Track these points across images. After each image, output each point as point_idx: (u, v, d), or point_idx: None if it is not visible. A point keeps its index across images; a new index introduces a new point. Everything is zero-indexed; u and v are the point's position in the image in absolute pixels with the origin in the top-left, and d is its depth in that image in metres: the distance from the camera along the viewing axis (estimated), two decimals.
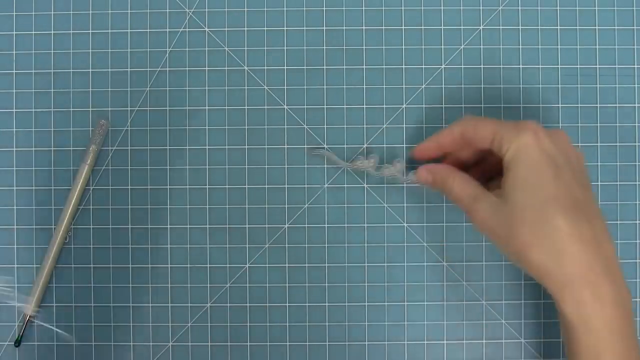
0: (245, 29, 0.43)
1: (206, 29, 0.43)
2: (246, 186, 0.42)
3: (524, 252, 0.32)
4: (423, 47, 0.43)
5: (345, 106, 0.42)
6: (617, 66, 0.43)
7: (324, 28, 0.43)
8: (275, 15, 0.43)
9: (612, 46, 0.43)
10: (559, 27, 0.43)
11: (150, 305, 0.42)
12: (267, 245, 0.42)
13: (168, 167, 0.42)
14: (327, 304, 0.42)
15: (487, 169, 0.39)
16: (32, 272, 0.42)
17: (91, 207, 0.42)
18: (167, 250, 0.42)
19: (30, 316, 0.41)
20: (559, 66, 0.43)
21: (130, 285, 0.42)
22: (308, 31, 0.43)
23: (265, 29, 0.43)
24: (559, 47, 0.43)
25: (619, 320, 0.31)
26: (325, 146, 0.35)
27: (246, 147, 0.42)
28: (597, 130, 0.42)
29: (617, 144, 0.42)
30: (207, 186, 0.42)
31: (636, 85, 0.43)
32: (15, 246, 0.42)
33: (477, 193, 0.35)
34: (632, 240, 0.42)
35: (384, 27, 0.43)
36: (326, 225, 0.42)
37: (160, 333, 0.42)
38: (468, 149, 0.39)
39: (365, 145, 0.42)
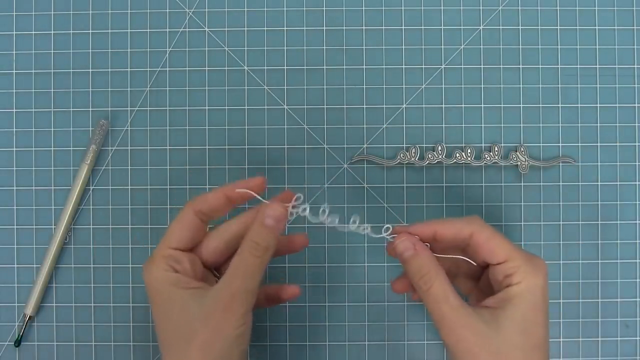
0: (245, 29, 0.43)
1: (206, 29, 0.43)
2: None
3: None
4: (423, 47, 0.43)
5: (345, 106, 0.42)
6: (617, 66, 0.43)
7: (324, 28, 0.43)
8: (275, 15, 0.43)
9: (612, 46, 0.43)
10: (559, 27, 0.43)
11: (150, 305, 0.42)
12: None
13: (168, 167, 0.42)
14: (327, 304, 0.42)
15: (453, 272, 0.37)
16: (32, 272, 0.42)
17: (91, 207, 0.42)
18: None
19: (30, 316, 0.41)
20: (559, 66, 0.43)
21: (130, 285, 0.42)
22: (308, 31, 0.43)
23: (265, 29, 0.43)
24: (559, 47, 0.43)
25: None
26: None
27: (246, 147, 0.42)
28: (597, 130, 0.42)
29: (617, 144, 0.42)
30: (207, 186, 0.42)
31: (636, 85, 0.43)
32: (15, 246, 0.42)
33: (458, 303, 0.32)
34: (632, 240, 0.42)
35: (384, 27, 0.43)
36: (326, 225, 0.42)
37: None
38: (455, 249, 0.35)
39: (365, 145, 0.42)
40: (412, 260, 0.33)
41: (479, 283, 0.36)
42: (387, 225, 0.34)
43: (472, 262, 0.34)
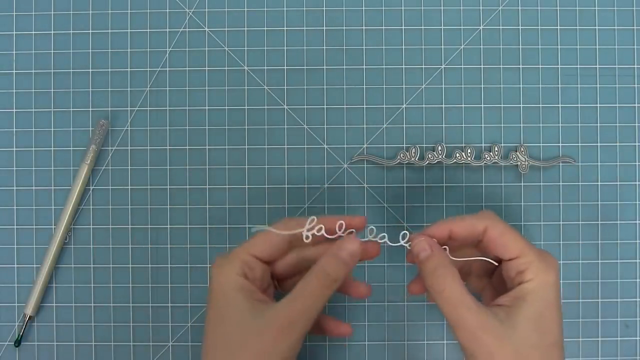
0: (245, 29, 0.43)
1: (206, 29, 0.43)
2: (246, 186, 0.42)
3: None
4: (423, 47, 0.43)
5: (345, 106, 0.42)
6: (617, 66, 0.43)
7: (324, 28, 0.43)
8: (275, 15, 0.43)
9: (612, 46, 0.43)
10: (559, 27, 0.43)
11: (150, 305, 0.42)
12: None
13: (168, 167, 0.42)
14: (327, 304, 0.42)
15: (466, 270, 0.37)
16: (32, 272, 0.42)
17: (91, 207, 0.42)
18: (167, 250, 0.42)
19: (30, 316, 0.41)
20: (559, 66, 0.43)
21: (130, 285, 0.42)
22: (308, 31, 0.43)
23: (265, 29, 0.43)
24: (559, 47, 0.43)
25: None
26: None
27: (246, 147, 0.42)
28: (597, 129, 0.42)
29: (617, 144, 0.42)
30: (207, 186, 0.42)
31: (636, 85, 0.43)
32: (15, 246, 0.42)
33: (474, 305, 0.31)
34: (632, 240, 0.42)
35: (384, 27, 0.43)
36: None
37: (160, 333, 0.42)
38: (470, 247, 0.36)
39: (365, 145, 0.42)
40: (428, 262, 0.33)
41: (491, 280, 0.36)
42: (405, 232, 0.34)
43: (493, 262, 0.34)
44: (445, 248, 0.34)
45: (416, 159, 0.42)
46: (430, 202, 0.42)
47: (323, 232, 0.33)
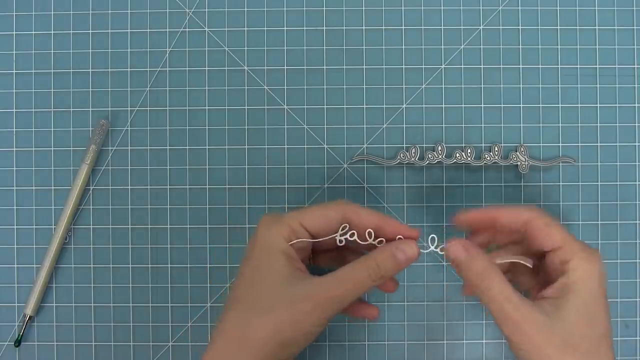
0: (245, 29, 0.43)
1: (206, 29, 0.43)
2: (246, 186, 0.42)
3: None
4: (423, 47, 0.43)
5: (345, 106, 0.42)
6: (617, 66, 0.43)
7: (324, 28, 0.43)
8: (275, 15, 0.43)
9: (612, 46, 0.43)
10: (559, 27, 0.43)
11: (150, 305, 0.42)
12: None
13: (168, 167, 0.42)
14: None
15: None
16: (32, 272, 0.42)
17: (91, 207, 0.42)
18: (167, 250, 0.42)
19: (30, 316, 0.41)
20: (559, 66, 0.43)
21: (130, 285, 0.42)
22: (308, 31, 0.43)
23: (265, 29, 0.43)
24: (559, 47, 0.43)
25: None
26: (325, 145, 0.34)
27: (246, 147, 0.42)
28: (597, 130, 0.42)
29: (617, 144, 0.42)
30: (207, 186, 0.42)
31: (636, 85, 0.43)
32: (15, 246, 0.42)
33: (519, 300, 0.31)
34: (632, 240, 0.42)
35: (384, 27, 0.43)
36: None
37: (160, 333, 0.42)
38: (507, 235, 0.36)
39: (365, 145, 0.42)
40: (467, 263, 0.33)
41: (537, 277, 0.36)
42: (432, 236, 0.34)
43: (527, 263, 0.34)
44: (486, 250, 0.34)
45: (416, 159, 0.42)
46: (430, 202, 0.42)
47: (356, 237, 0.34)
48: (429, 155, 0.42)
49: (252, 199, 0.42)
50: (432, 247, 0.34)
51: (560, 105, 0.42)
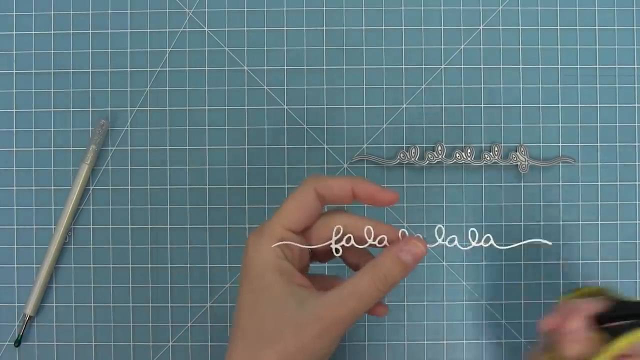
0: (245, 29, 0.43)
1: (206, 29, 0.43)
2: (246, 186, 0.42)
3: None
4: (423, 47, 0.43)
5: (345, 106, 0.42)
6: (617, 66, 0.43)
7: (324, 28, 0.43)
8: (275, 15, 0.43)
9: (612, 46, 0.43)
10: (559, 27, 0.43)
11: (150, 305, 0.42)
12: None
13: (168, 167, 0.42)
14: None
15: None
16: (32, 272, 0.42)
17: (91, 207, 0.42)
18: (167, 250, 0.42)
19: (30, 316, 0.41)
20: (559, 66, 0.43)
21: (130, 285, 0.42)
22: (308, 31, 0.43)
23: (265, 29, 0.43)
24: (559, 47, 0.43)
25: None
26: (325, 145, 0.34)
27: (246, 147, 0.42)
28: (597, 130, 0.42)
29: (617, 144, 0.42)
30: (207, 186, 0.42)
31: (636, 85, 0.43)
32: (15, 246, 0.42)
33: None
34: (632, 240, 0.42)
35: (384, 27, 0.43)
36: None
37: (160, 333, 0.42)
38: None
39: (365, 145, 0.42)
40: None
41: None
42: (439, 226, 0.31)
43: (548, 243, 0.31)
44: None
45: (416, 159, 0.42)
46: (430, 202, 0.42)
47: (353, 242, 0.31)
48: (429, 155, 0.42)
49: (252, 199, 0.42)
50: (440, 240, 0.31)
51: (560, 105, 0.42)
